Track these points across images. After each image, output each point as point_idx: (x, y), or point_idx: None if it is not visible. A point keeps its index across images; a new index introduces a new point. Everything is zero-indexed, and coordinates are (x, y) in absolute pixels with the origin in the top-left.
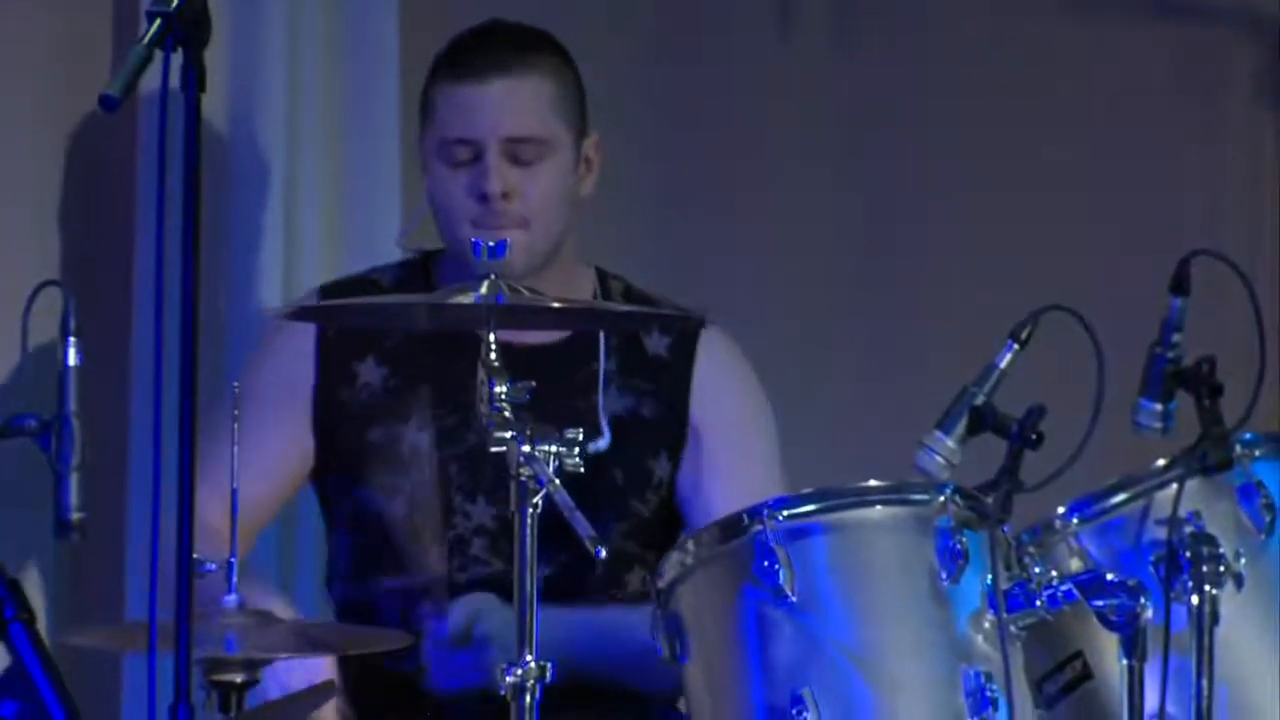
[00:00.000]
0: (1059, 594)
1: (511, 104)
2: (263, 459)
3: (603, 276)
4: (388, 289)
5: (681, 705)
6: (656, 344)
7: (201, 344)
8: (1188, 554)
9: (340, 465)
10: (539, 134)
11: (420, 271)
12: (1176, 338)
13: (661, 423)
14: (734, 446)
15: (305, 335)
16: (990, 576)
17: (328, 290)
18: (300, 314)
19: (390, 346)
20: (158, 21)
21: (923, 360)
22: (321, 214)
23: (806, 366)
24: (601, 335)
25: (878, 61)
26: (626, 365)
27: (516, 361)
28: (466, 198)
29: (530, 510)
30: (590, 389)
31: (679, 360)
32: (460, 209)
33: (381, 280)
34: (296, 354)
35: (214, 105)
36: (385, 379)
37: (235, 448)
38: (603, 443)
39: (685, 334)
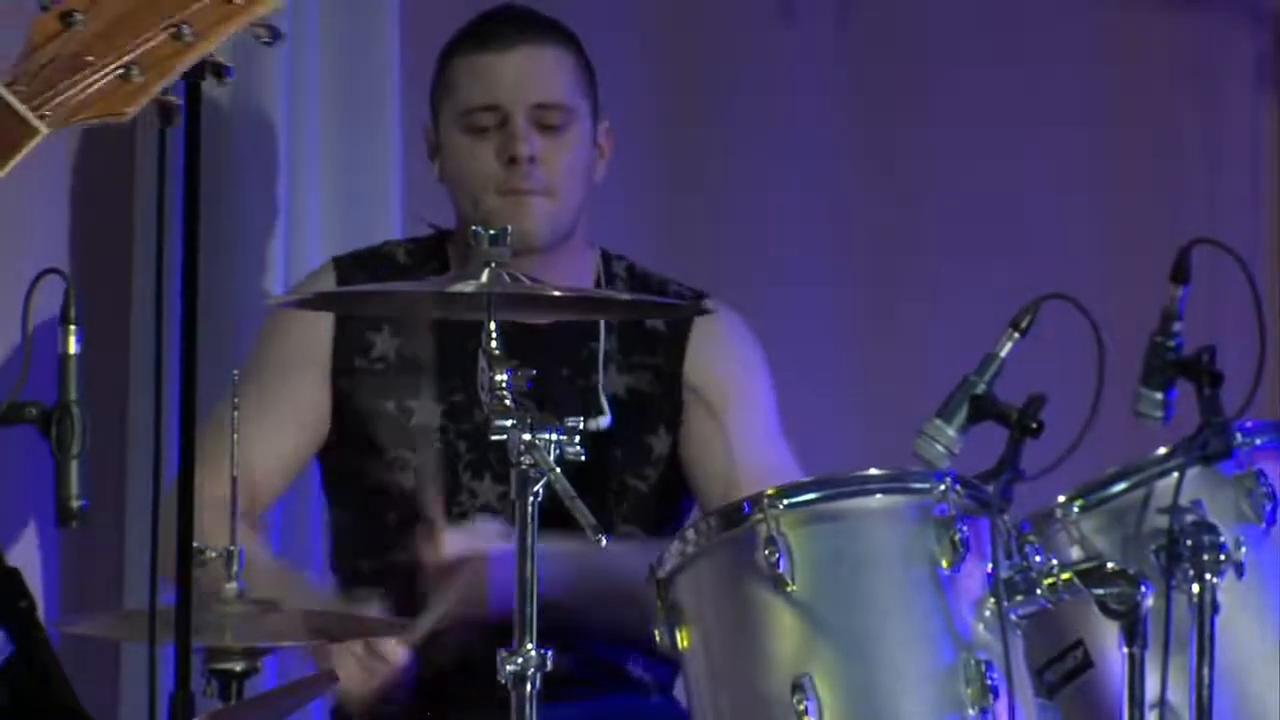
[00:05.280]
0: (1059, 582)
1: (537, 70)
2: (293, 413)
3: (606, 258)
4: (403, 262)
5: (679, 693)
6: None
7: (202, 329)
8: (1188, 542)
9: (349, 436)
10: (564, 100)
11: (434, 250)
12: (1177, 326)
13: (660, 396)
14: (732, 405)
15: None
16: (991, 565)
17: (341, 262)
18: (303, 304)
19: (403, 318)
20: None
21: (923, 349)
22: (324, 197)
23: (807, 354)
24: None
25: (879, 54)
26: (627, 342)
27: (518, 341)
28: (493, 163)
29: (531, 499)
30: (591, 368)
31: (676, 333)
32: (486, 176)
33: (396, 254)
34: (317, 318)
35: (215, 87)
36: (398, 350)
37: (235, 435)
38: (605, 421)
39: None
